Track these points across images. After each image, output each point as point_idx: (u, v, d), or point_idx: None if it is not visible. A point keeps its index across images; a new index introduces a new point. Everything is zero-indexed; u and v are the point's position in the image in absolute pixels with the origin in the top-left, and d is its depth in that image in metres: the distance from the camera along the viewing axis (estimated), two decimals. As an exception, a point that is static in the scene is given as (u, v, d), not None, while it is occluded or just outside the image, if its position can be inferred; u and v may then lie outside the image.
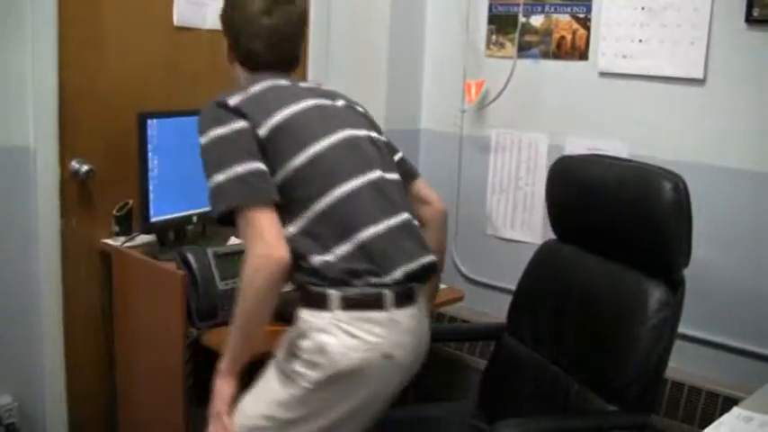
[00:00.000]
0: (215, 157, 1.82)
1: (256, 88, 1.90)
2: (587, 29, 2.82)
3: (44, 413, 2.56)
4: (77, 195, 2.60)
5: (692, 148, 2.59)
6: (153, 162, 2.50)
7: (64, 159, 2.53)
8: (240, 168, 1.78)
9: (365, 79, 3.21)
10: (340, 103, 2.04)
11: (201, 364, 2.35)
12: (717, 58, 2.52)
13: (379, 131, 2.09)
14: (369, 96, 2.39)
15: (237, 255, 2.47)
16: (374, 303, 1.79)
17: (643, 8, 2.66)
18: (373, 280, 1.80)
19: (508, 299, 2.41)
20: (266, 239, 1.75)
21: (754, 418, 1.66)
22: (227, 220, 1.82)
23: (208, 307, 2.31)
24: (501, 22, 3.05)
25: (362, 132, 1.98)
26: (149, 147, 2.48)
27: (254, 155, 1.80)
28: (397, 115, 3.22)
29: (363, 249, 1.81)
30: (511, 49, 3.01)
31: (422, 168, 2.37)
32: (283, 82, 1.96)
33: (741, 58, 2.48)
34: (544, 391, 2.13)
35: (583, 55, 2.84)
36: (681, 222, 1.91)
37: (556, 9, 2.89)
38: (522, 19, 2.97)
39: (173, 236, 2.65)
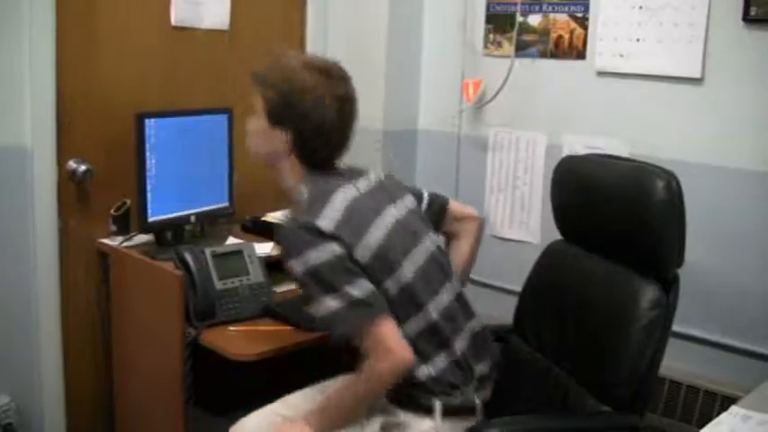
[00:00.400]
0: (321, 282, 1.80)
1: (338, 212, 1.85)
2: (585, 28, 2.82)
3: (42, 413, 2.56)
4: (75, 195, 2.60)
5: (691, 148, 2.59)
6: (151, 162, 2.50)
7: (62, 159, 2.53)
8: (352, 291, 1.79)
9: (363, 79, 3.15)
10: (402, 208, 2.04)
11: (199, 364, 2.35)
12: (715, 56, 2.52)
13: (420, 198, 2.19)
14: (366, 96, 2.38)
15: (234, 254, 2.48)
16: (469, 411, 1.96)
17: (641, 7, 2.65)
18: (466, 390, 1.95)
19: (506, 298, 2.41)
20: (392, 349, 1.80)
21: (753, 417, 1.66)
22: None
23: (205, 306, 2.31)
24: (499, 22, 3.05)
25: (428, 243, 2.03)
26: (147, 146, 2.48)
27: (358, 274, 1.82)
28: (394, 115, 3.22)
29: (458, 363, 1.95)
30: (509, 48, 3.01)
31: (420, 168, 2.37)
32: (352, 191, 1.94)
33: (739, 57, 2.47)
34: (545, 392, 2.12)
35: (580, 54, 2.83)
36: (672, 221, 1.89)
37: (553, 8, 2.89)
38: (519, 18, 2.97)
39: (170, 235, 2.65)
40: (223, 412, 2.86)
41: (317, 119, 1.90)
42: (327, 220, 1.82)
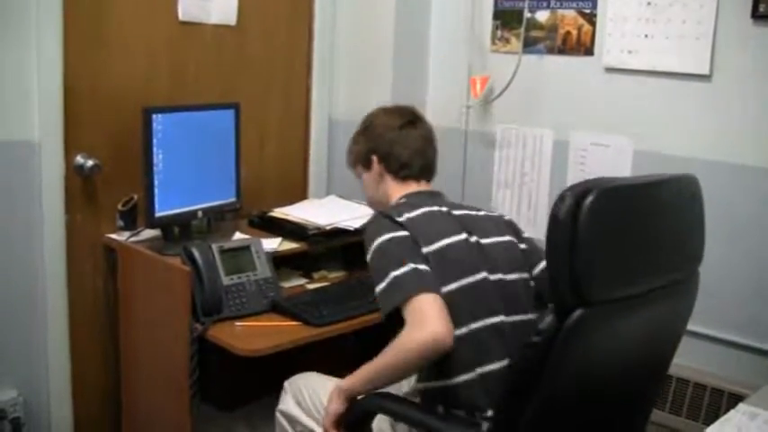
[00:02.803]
0: (386, 256, 1.91)
1: (416, 213, 2.00)
2: (593, 24, 2.81)
3: (49, 407, 2.56)
4: (82, 190, 2.61)
5: (698, 144, 2.58)
6: (158, 157, 2.50)
7: (69, 154, 2.53)
8: (412, 263, 1.87)
9: (370, 75, 3.21)
10: (485, 240, 2.04)
11: (206, 359, 2.36)
12: (723, 53, 2.51)
13: (523, 241, 2.14)
14: (374, 92, 2.40)
15: (242, 250, 2.48)
16: None
17: (649, 3, 2.65)
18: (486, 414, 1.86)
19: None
20: (428, 320, 1.79)
21: (760, 415, 1.66)
22: (393, 318, 1.86)
23: (212, 302, 2.32)
24: (506, 18, 3.05)
25: (496, 276, 1.99)
26: (154, 141, 2.48)
27: (421, 256, 1.90)
28: (402, 111, 3.22)
29: (483, 382, 1.88)
30: (516, 44, 3.01)
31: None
32: (437, 208, 2.05)
33: (747, 54, 2.47)
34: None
35: (588, 50, 2.83)
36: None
37: (561, 4, 2.89)
38: (527, 14, 2.96)
39: (177, 231, 2.65)
40: (229, 407, 2.88)
41: (396, 126, 2.21)
42: (404, 216, 1.98)
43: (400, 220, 1.96)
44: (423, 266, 1.87)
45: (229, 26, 2.94)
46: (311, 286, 2.68)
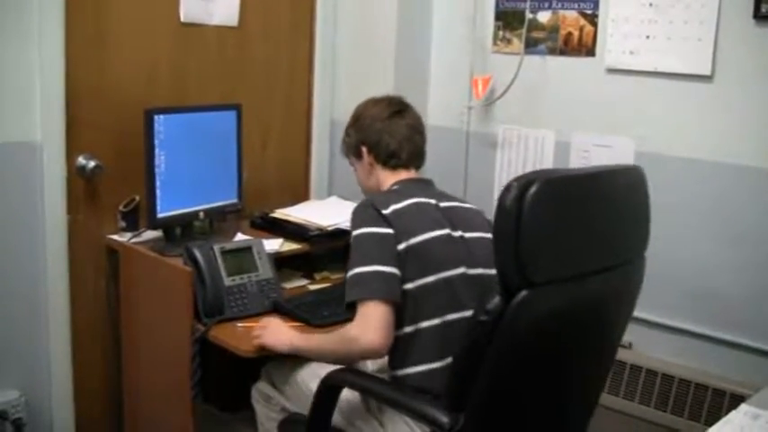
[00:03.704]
0: (361, 249, 2.01)
1: (403, 204, 2.06)
2: (594, 25, 2.81)
3: (51, 408, 2.57)
4: (84, 191, 2.61)
5: (700, 145, 2.58)
6: (160, 158, 2.50)
7: (71, 155, 2.53)
8: (379, 266, 1.96)
9: (372, 76, 3.21)
10: (468, 234, 2.12)
11: (208, 360, 2.36)
12: (725, 54, 2.51)
13: None
14: (375, 93, 2.40)
15: (243, 251, 2.48)
16: None
17: (650, 4, 2.65)
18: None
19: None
20: (370, 329, 1.92)
21: (762, 416, 1.66)
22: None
23: (214, 303, 2.32)
24: (508, 18, 3.05)
25: (476, 271, 2.06)
26: (156, 142, 2.48)
27: (393, 259, 1.97)
28: (403, 111, 3.22)
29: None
30: (518, 45, 3.00)
31: (428, 164, 2.37)
32: (424, 200, 2.12)
33: (749, 55, 2.47)
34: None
35: (590, 51, 2.83)
36: None
37: (563, 5, 2.89)
38: (529, 15, 2.96)
39: (179, 232, 2.65)
40: (231, 408, 2.87)
41: (384, 117, 2.26)
42: (391, 209, 2.04)
43: (386, 212, 2.02)
44: (389, 269, 1.96)
45: (231, 27, 2.94)
46: (313, 287, 2.68)
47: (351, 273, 1.98)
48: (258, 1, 3.01)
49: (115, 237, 2.65)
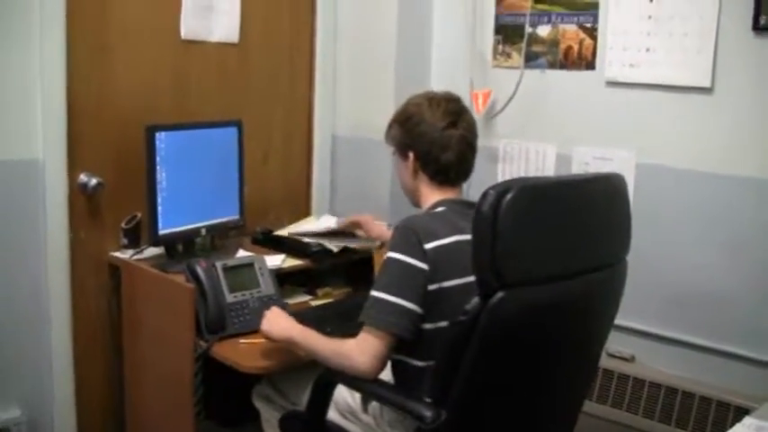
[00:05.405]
0: (390, 275, 1.95)
1: (447, 242, 1.96)
2: (594, 38, 2.82)
3: (53, 425, 2.56)
4: (86, 208, 2.62)
5: (700, 157, 2.58)
6: (161, 175, 2.51)
7: (73, 172, 2.54)
8: (399, 300, 1.91)
9: (372, 91, 3.22)
10: None
11: (210, 376, 2.36)
12: (724, 66, 2.51)
13: None
14: (376, 107, 2.40)
15: (245, 267, 2.48)
16: None
17: (650, 17, 2.65)
18: None
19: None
20: (366, 358, 1.91)
21: (766, 428, 1.65)
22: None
23: (216, 319, 2.31)
24: (508, 33, 3.05)
25: None
26: (158, 159, 2.49)
27: (418, 297, 1.92)
28: (404, 126, 3.22)
29: None
30: (518, 59, 3.01)
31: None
32: (466, 238, 1.83)
33: (749, 66, 2.47)
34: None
35: (590, 64, 2.83)
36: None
37: (562, 19, 2.89)
38: (528, 29, 2.97)
39: (181, 248, 2.66)
40: (234, 425, 2.86)
41: (437, 125, 2.09)
42: (432, 245, 1.94)
43: (427, 247, 1.93)
44: (410, 305, 1.90)
45: (232, 44, 2.95)
46: (315, 303, 2.68)
47: (373, 293, 1.94)
48: (258, 17, 3.03)
49: (117, 254, 2.65)
